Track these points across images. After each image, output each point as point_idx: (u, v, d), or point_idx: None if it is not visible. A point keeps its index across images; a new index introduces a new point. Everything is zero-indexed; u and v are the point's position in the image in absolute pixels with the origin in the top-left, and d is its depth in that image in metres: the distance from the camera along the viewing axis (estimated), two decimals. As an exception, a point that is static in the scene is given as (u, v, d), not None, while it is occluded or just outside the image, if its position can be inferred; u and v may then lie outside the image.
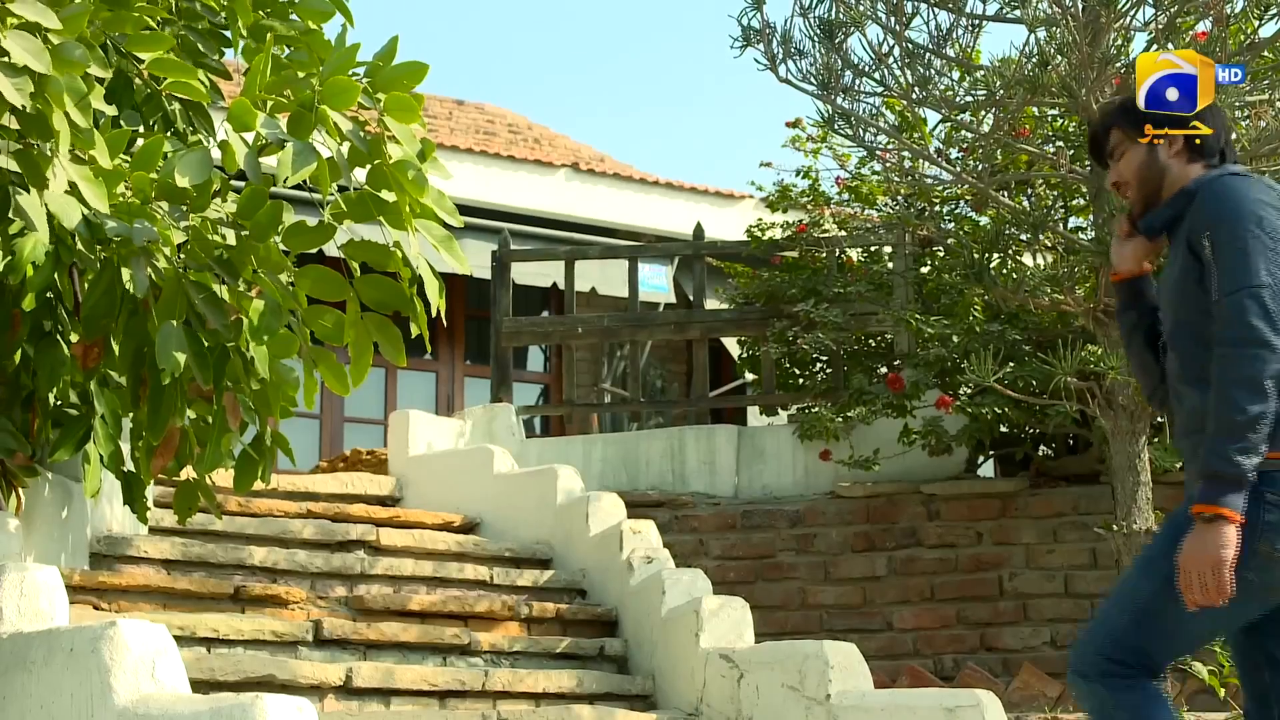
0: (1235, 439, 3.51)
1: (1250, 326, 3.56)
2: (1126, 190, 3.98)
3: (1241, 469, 3.49)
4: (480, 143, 15.24)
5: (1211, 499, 3.50)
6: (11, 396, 4.98)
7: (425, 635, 6.02)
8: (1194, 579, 3.49)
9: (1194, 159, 3.93)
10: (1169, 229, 3.90)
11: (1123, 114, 4.01)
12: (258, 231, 4.35)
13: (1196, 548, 3.50)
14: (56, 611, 4.16)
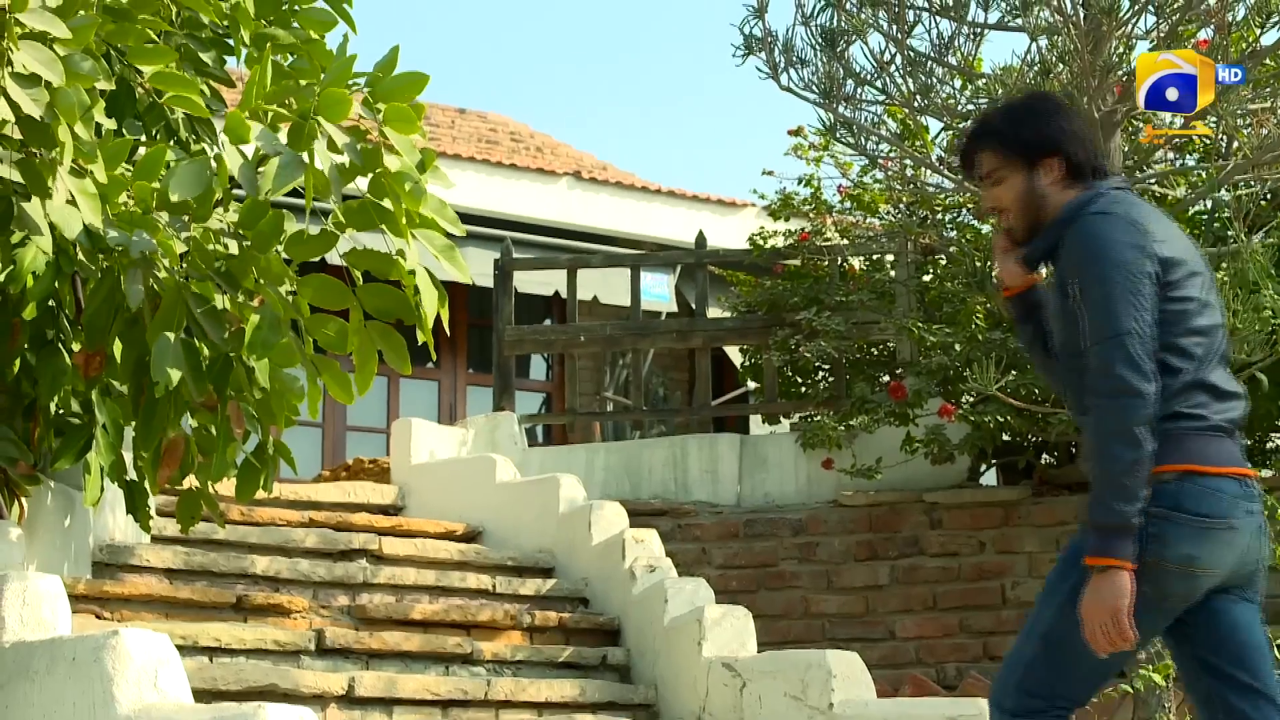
0: (1116, 490, 3.56)
1: (1118, 377, 3.61)
2: (1007, 216, 3.95)
3: (1126, 517, 3.54)
4: (482, 151, 15.25)
5: (1102, 551, 3.55)
6: (13, 405, 4.99)
7: (428, 644, 6.02)
8: (1097, 630, 3.53)
9: (1070, 184, 3.91)
10: (1049, 257, 3.91)
11: (1000, 139, 3.95)
12: (260, 241, 4.35)
13: (1094, 600, 3.54)
14: (59, 621, 4.16)
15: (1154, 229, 3.76)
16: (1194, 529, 3.59)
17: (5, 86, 3.84)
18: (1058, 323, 3.87)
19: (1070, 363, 3.80)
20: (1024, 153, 3.92)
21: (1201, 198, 7.37)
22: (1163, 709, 5.84)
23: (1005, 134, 3.96)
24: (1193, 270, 3.77)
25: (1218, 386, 3.71)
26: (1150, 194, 7.67)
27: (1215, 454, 3.66)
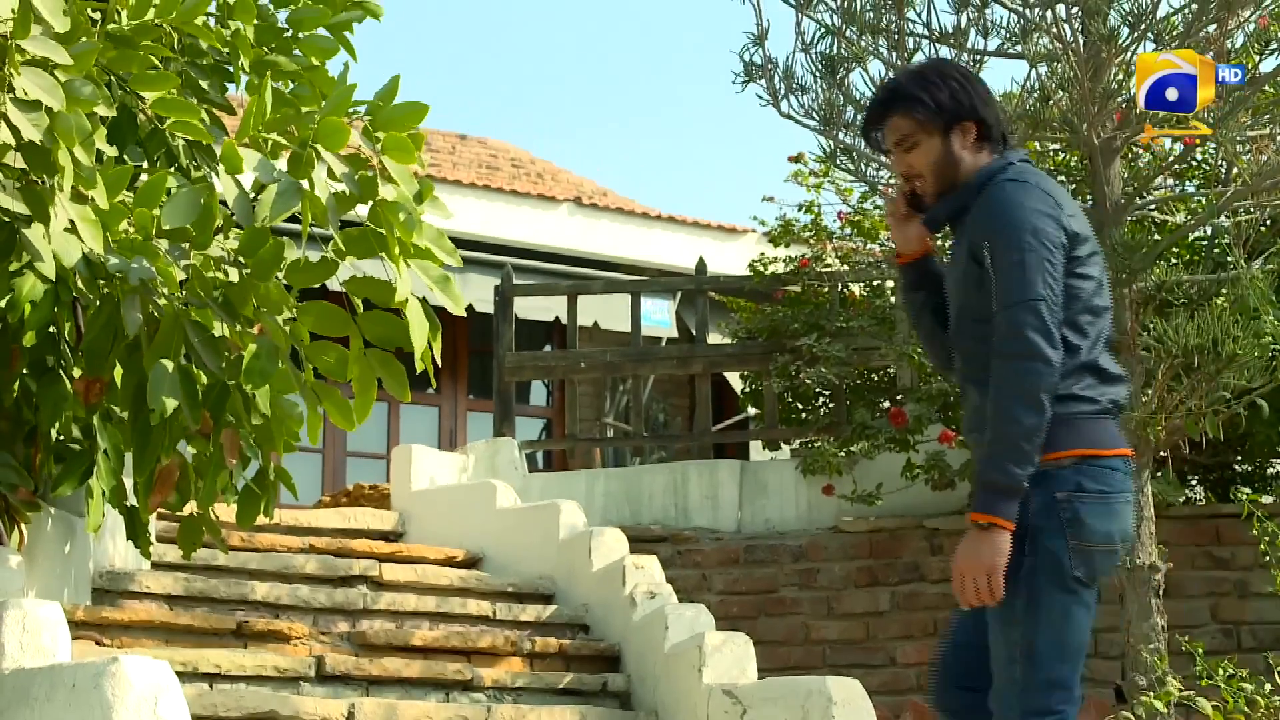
0: (1011, 451, 3.63)
1: (1027, 341, 3.65)
2: (918, 182, 3.98)
3: (1017, 480, 3.63)
4: (483, 177, 15.27)
5: (989, 508, 3.64)
6: (13, 431, 4.99)
7: (428, 671, 6.01)
8: (968, 583, 3.64)
9: (982, 148, 3.95)
10: (953, 220, 3.97)
11: (917, 104, 3.95)
12: (259, 269, 4.35)
13: (972, 554, 3.64)
14: (59, 648, 4.15)
15: (1064, 202, 3.84)
16: (1105, 506, 3.69)
17: (6, 111, 3.85)
18: (958, 288, 3.90)
19: (971, 330, 3.84)
20: (941, 117, 3.94)
21: (1201, 224, 7.37)
22: (1164, 735, 5.84)
23: (922, 99, 3.96)
24: (1095, 249, 3.85)
25: (1105, 369, 3.79)
26: (1150, 220, 7.69)
27: (1109, 437, 3.74)
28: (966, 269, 3.85)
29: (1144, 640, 6.02)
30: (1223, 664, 5.68)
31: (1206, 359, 6.03)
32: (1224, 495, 8.44)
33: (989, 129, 3.96)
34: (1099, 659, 8.03)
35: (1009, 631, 3.72)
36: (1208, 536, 8.11)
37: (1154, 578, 6.15)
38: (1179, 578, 7.33)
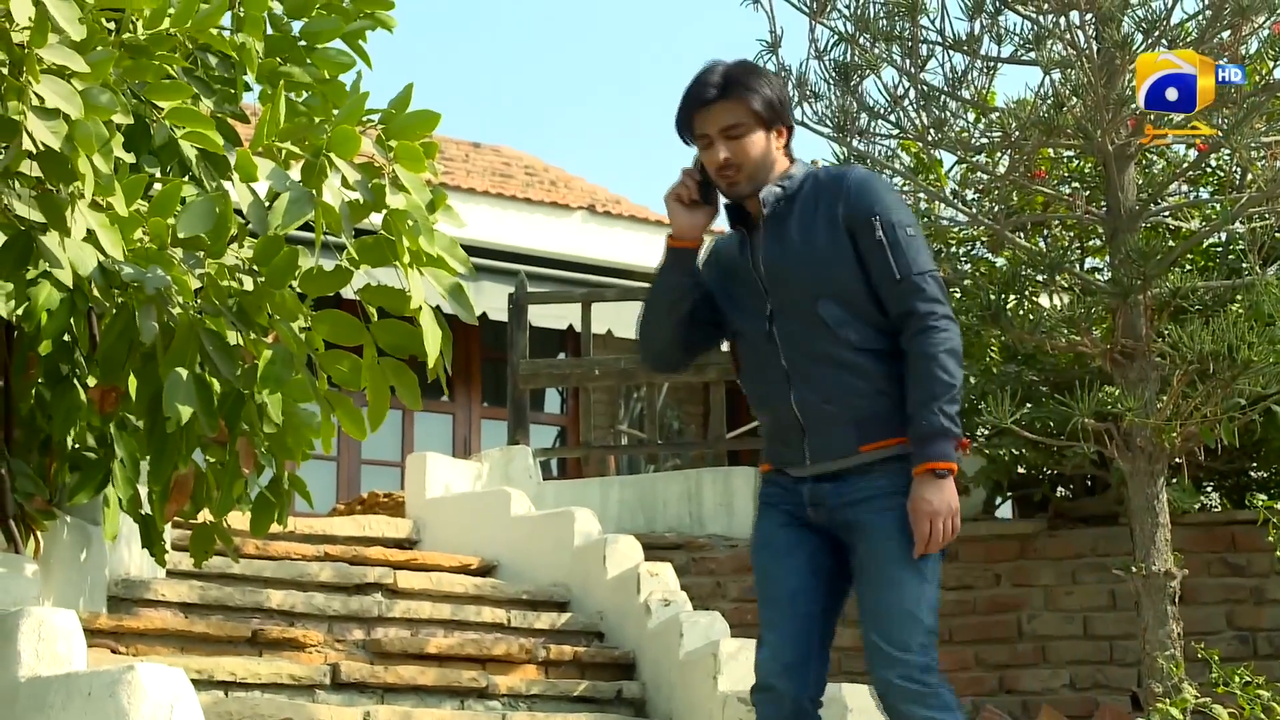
0: (952, 402, 3.93)
1: (942, 303, 3.98)
2: (730, 172, 4.11)
3: (959, 427, 3.95)
4: (496, 185, 15.28)
5: (946, 456, 3.92)
6: (29, 440, 5.00)
7: (443, 678, 6.01)
8: (939, 526, 3.91)
9: (787, 154, 4.19)
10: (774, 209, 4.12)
11: (755, 97, 4.10)
12: (274, 277, 4.36)
13: (941, 499, 3.93)
14: (74, 655, 4.16)
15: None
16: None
17: (25, 119, 3.87)
18: (804, 267, 4.05)
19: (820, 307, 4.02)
20: (770, 112, 4.13)
21: (1216, 230, 7.36)
22: (1179, 743, 5.82)
23: (758, 91, 4.12)
24: None
25: None
26: (1165, 226, 7.67)
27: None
28: (833, 246, 4.02)
29: (1160, 647, 6.01)
30: (1239, 671, 5.66)
31: (1221, 365, 6.02)
32: (1239, 502, 8.42)
33: (791, 138, 4.21)
34: (1114, 666, 8.03)
35: (923, 589, 3.96)
36: (1223, 543, 8.10)
37: (1169, 585, 6.13)
38: (1194, 584, 7.31)
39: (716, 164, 4.11)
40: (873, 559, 4.01)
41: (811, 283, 4.05)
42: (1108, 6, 6.55)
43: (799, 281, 4.07)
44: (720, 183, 4.15)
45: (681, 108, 4.18)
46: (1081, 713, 7.59)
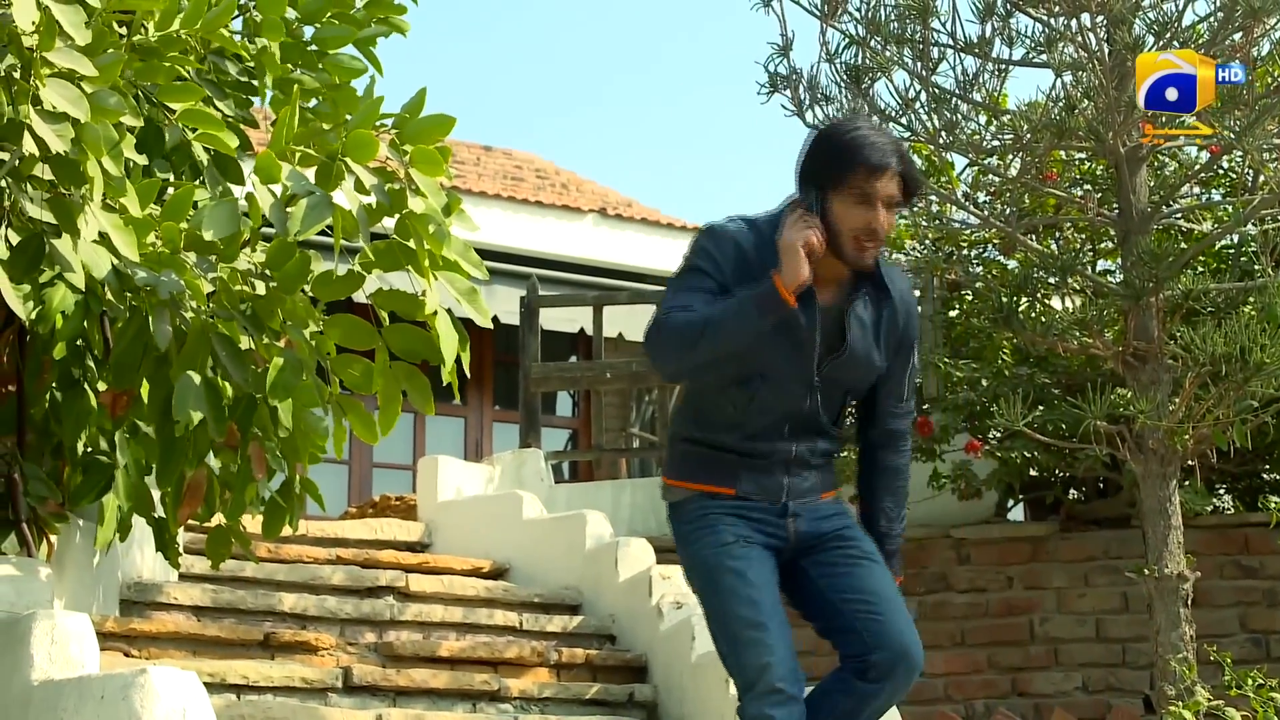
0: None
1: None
2: (875, 242, 4.07)
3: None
4: (508, 188, 15.29)
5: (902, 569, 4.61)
6: (42, 444, 5.01)
7: (455, 682, 6.02)
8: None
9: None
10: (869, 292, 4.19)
11: (919, 186, 4.15)
12: (286, 283, 4.37)
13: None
14: (87, 659, 4.17)
15: None
16: None
17: (31, 123, 3.87)
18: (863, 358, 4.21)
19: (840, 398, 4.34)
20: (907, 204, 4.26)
21: (1228, 232, 7.35)
22: (1192, 746, 5.81)
23: (921, 182, 4.18)
24: None
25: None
26: (1177, 228, 7.67)
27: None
28: (897, 351, 4.27)
29: (1172, 650, 6.00)
30: (1252, 673, 5.66)
31: (1234, 367, 6.01)
32: (1252, 504, 8.41)
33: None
34: (1127, 669, 8.02)
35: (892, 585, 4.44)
36: (1236, 546, 8.09)
37: (1182, 587, 6.13)
38: (1207, 587, 7.30)
39: (867, 226, 4.03)
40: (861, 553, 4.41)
41: (856, 382, 4.30)
42: (1119, 9, 6.54)
43: (849, 376, 4.26)
44: (853, 245, 4.05)
45: (867, 152, 4.03)
46: (1094, 715, 7.58)
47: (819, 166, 4.08)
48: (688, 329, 4.02)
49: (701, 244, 4.17)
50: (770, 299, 3.97)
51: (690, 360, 4.07)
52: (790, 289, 3.97)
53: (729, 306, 4.01)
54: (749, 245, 4.11)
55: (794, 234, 4.01)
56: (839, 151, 4.05)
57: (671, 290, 4.16)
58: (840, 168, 4.03)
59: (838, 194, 4.03)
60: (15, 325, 4.75)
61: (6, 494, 4.86)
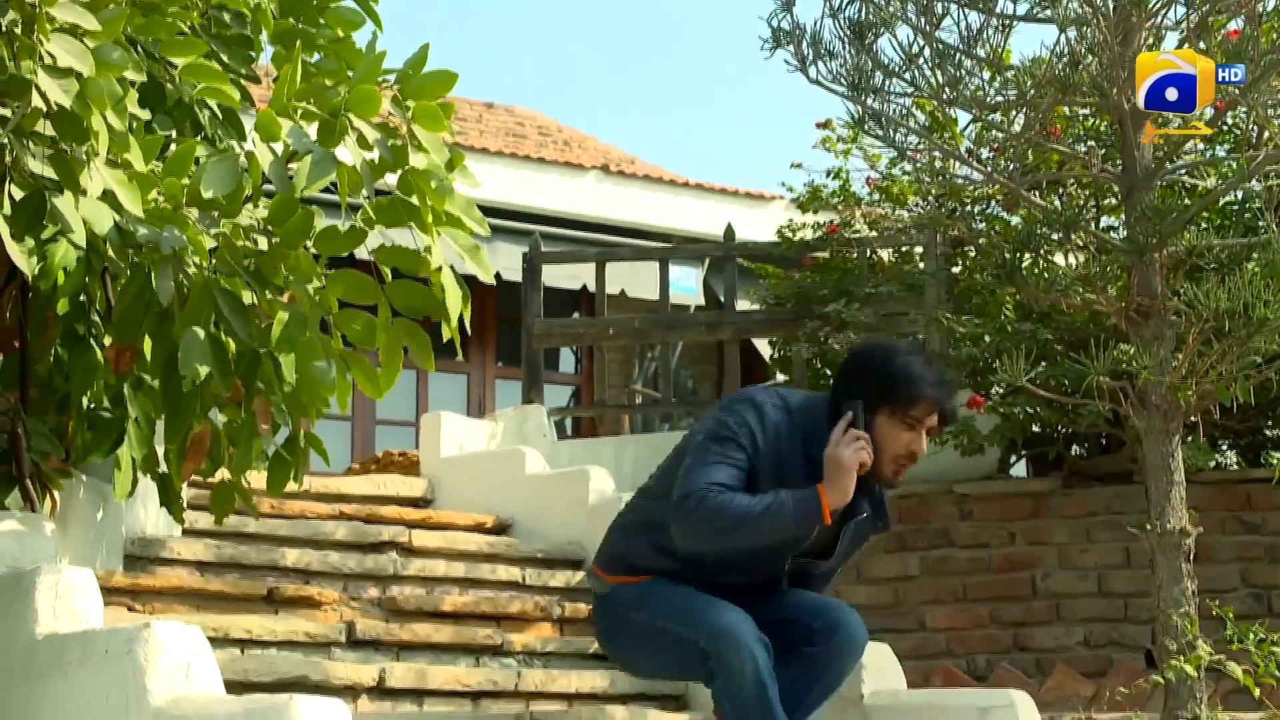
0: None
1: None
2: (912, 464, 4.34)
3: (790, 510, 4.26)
4: (510, 145, 15.26)
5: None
6: (45, 400, 5.01)
7: (458, 636, 6.04)
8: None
9: None
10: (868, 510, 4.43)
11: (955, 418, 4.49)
12: (289, 238, 4.36)
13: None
14: (91, 613, 4.18)
15: None
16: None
17: (36, 78, 3.86)
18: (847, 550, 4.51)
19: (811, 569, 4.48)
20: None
21: (1232, 188, 7.32)
22: (1194, 699, 5.82)
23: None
24: None
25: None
26: (1180, 184, 7.65)
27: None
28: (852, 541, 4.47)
29: (1174, 605, 6.00)
30: (1253, 628, 5.67)
31: (1237, 323, 5.99)
32: (1255, 460, 8.41)
33: None
34: (1129, 623, 8.04)
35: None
36: (1238, 502, 8.10)
37: (1184, 542, 6.12)
38: (1209, 543, 7.31)
39: (915, 453, 4.30)
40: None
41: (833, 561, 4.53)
42: (1124, -37, 6.51)
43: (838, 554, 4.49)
44: (890, 466, 4.29)
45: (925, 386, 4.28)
46: (1096, 670, 7.60)
47: (874, 387, 4.27)
48: (724, 518, 4.12)
49: (745, 418, 4.27)
50: (813, 513, 4.17)
51: (718, 545, 4.22)
52: (833, 506, 4.18)
53: (769, 508, 4.14)
54: (785, 432, 4.27)
55: (850, 454, 4.19)
56: (901, 381, 4.27)
57: (707, 456, 4.23)
58: (898, 396, 4.26)
59: (888, 417, 4.26)
60: (18, 281, 4.75)
61: (9, 450, 4.87)
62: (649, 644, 4.38)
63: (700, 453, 4.24)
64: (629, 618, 4.39)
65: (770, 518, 4.13)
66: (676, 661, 4.33)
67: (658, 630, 4.31)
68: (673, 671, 4.47)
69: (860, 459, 4.18)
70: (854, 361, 4.43)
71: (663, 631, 4.29)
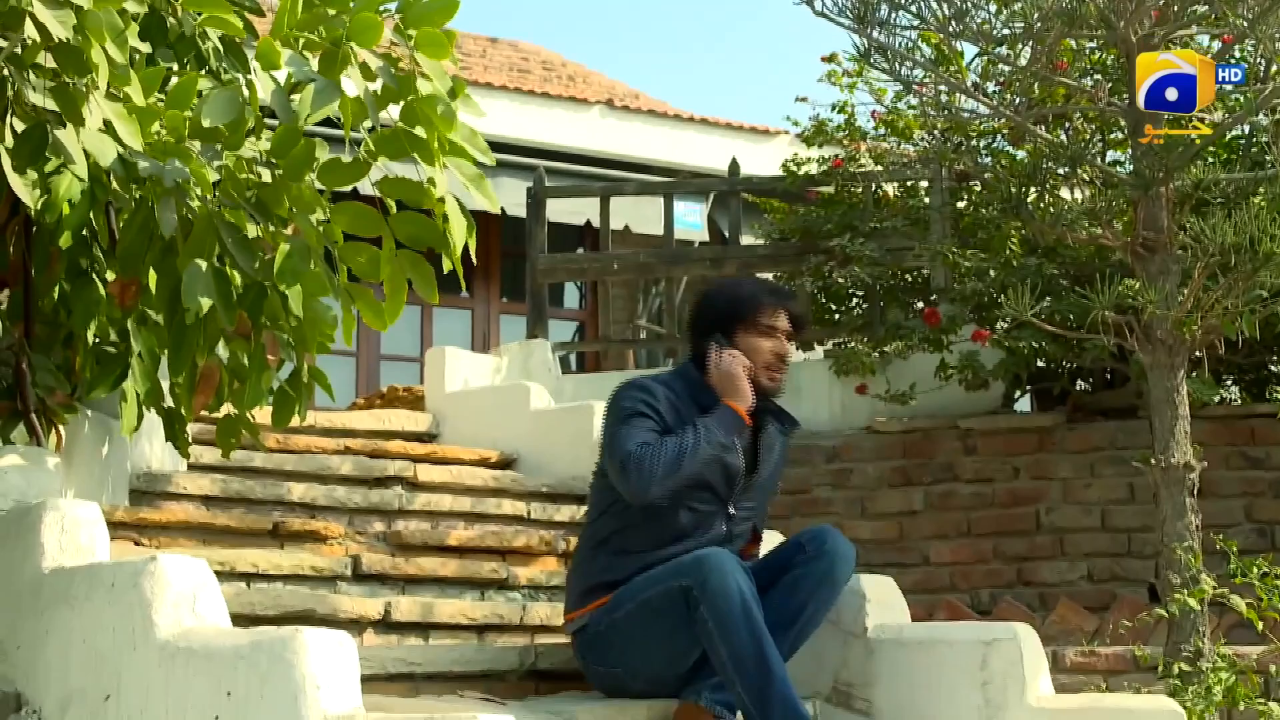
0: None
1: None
2: (783, 371, 4.78)
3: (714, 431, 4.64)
4: (514, 80, 15.20)
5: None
6: (50, 335, 5.01)
7: (463, 570, 6.05)
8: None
9: None
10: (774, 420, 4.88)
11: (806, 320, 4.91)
12: (292, 169, 4.34)
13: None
14: (97, 547, 4.19)
15: None
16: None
17: (33, 9, 3.84)
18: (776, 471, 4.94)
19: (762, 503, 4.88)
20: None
21: (1239, 122, 7.29)
22: (1197, 632, 5.84)
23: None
24: None
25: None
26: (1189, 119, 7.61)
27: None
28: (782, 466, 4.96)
29: (1178, 539, 6.01)
30: (1257, 562, 5.68)
31: (1243, 258, 5.98)
32: (1259, 395, 8.41)
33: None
34: (1132, 558, 8.05)
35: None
36: (1242, 436, 8.10)
37: (1188, 477, 6.12)
38: (1213, 477, 7.32)
39: (782, 354, 4.75)
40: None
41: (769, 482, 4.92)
42: (1132, -106, 6.46)
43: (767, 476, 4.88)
44: (765, 375, 4.73)
45: (765, 294, 4.75)
46: (1099, 604, 7.62)
47: (721, 315, 4.75)
48: (665, 458, 4.46)
49: (634, 395, 4.63)
50: (731, 418, 4.60)
51: (669, 484, 4.49)
52: (745, 409, 4.63)
53: (697, 433, 4.52)
54: (673, 394, 4.66)
55: (729, 361, 4.65)
56: (740, 296, 4.76)
57: (623, 431, 4.55)
58: (742, 312, 4.72)
59: (744, 334, 4.72)
60: (20, 217, 4.74)
61: (14, 385, 4.87)
62: (639, 629, 4.46)
63: (614, 437, 4.56)
64: (613, 621, 4.53)
65: (702, 440, 4.50)
66: (669, 630, 4.38)
67: (641, 606, 4.45)
68: (668, 648, 4.46)
69: (741, 362, 4.64)
70: (697, 308, 4.86)
71: (647, 602, 4.43)
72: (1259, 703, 5.54)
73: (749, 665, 4.15)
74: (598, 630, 4.57)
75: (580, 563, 4.77)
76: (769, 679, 4.14)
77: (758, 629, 4.18)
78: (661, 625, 4.36)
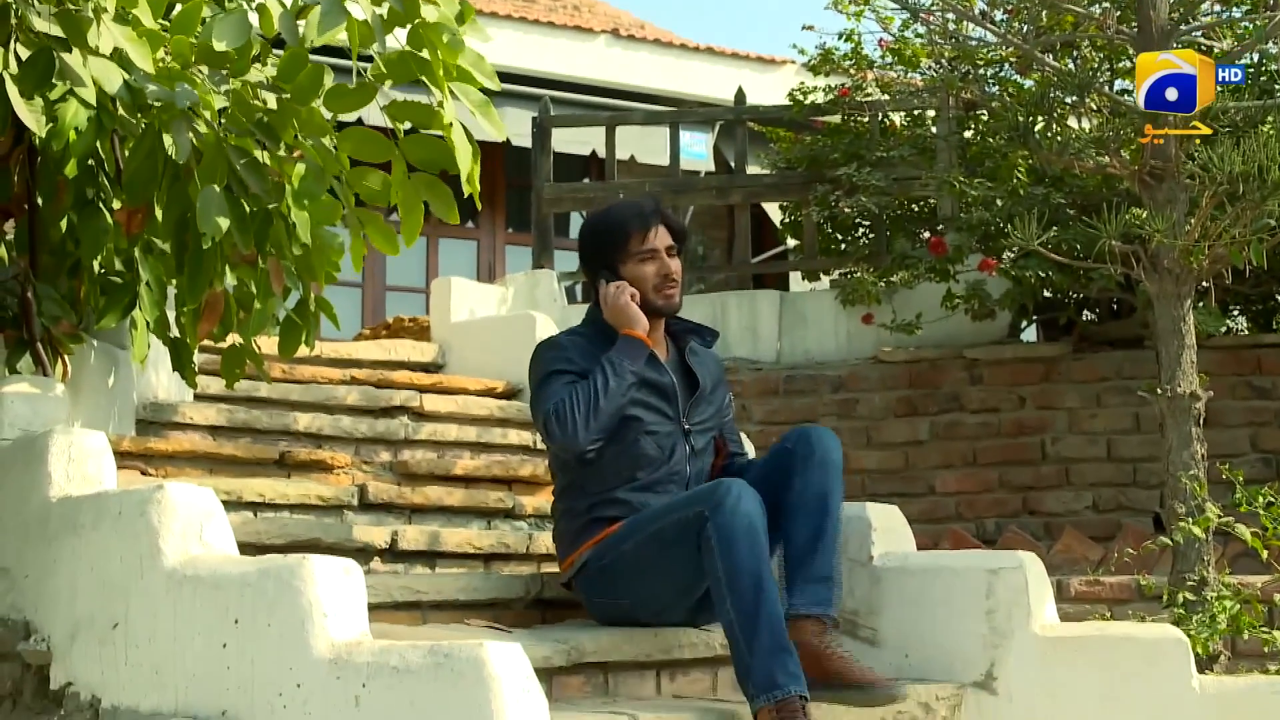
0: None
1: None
2: (675, 286, 4.75)
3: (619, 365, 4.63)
4: (519, 9, 15.13)
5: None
6: (57, 265, 5.00)
7: (469, 499, 6.06)
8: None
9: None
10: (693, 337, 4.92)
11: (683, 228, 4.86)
12: (299, 94, 4.32)
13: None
14: (104, 476, 4.19)
15: None
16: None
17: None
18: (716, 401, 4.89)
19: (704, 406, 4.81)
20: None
21: (1248, 50, 7.26)
22: (1202, 561, 5.85)
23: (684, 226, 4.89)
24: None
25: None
26: (1197, 46, 7.57)
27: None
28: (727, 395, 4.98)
29: (1183, 468, 6.01)
30: (1262, 491, 5.69)
31: (1251, 186, 5.96)
32: (1266, 325, 8.40)
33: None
34: (1137, 487, 8.07)
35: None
36: (1249, 366, 8.10)
37: (1194, 406, 6.12)
38: (1219, 407, 7.32)
39: (667, 274, 4.73)
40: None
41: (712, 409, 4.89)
42: None
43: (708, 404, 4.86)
44: (658, 296, 4.73)
45: (631, 220, 4.74)
46: (1104, 534, 7.63)
47: (600, 249, 4.78)
48: (580, 406, 4.51)
49: (546, 356, 4.71)
50: (632, 346, 4.62)
51: (599, 424, 4.53)
52: (640, 332, 4.64)
53: (603, 370, 4.56)
54: (585, 340, 4.72)
55: (614, 296, 4.69)
56: (609, 229, 4.77)
57: (542, 397, 4.62)
58: (618, 242, 4.73)
59: (626, 265, 4.72)
60: (25, 145, 4.72)
61: (20, 314, 4.86)
62: (650, 560, 4.45)
63: (534, 404, 4.69)
64: (622, 553, 4.53)
65: (610, 375, 4.55)
66: (682, 560, 4.36)
67: (653, 536, 4.45)
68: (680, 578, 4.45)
69: (627, 291, 4.68)
70: (580, 246, 4.87)
71: (659, 533, 4.43)
72: (1263, 631, 5.55)
73: (745, 583, 4.14)
74: (601, 565, 4.57)
75: (562, 514, 4.77)
76: (761, 600, 4.12)
77: (760, 550, 4.17)
78: (674, 555, 4.35)
